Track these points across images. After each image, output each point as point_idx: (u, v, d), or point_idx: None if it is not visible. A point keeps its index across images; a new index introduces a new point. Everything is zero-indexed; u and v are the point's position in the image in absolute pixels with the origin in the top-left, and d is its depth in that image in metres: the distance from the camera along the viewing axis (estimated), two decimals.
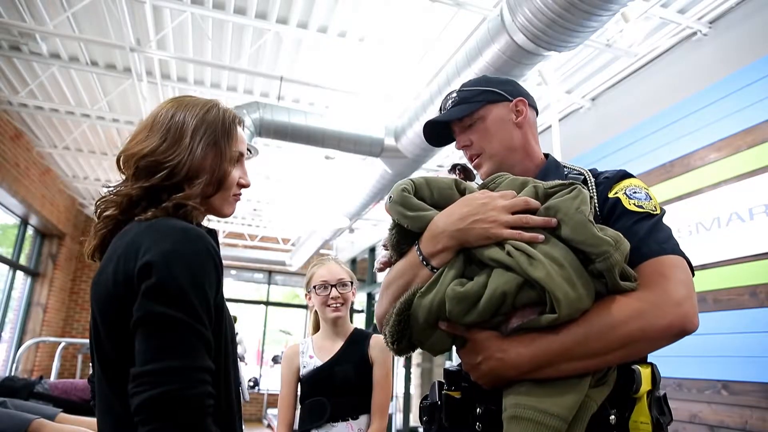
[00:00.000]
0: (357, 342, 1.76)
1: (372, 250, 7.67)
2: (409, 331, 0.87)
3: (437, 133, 1.17)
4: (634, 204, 0.91)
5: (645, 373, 0.84)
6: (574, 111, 4.39)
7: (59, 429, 2.35)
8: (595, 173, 1.03)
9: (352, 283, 1.80)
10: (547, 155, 1.13)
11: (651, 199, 0.94)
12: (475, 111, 1.09)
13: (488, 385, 0.85)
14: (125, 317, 0.84)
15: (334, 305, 1.74)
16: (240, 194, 1.10)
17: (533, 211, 0.85)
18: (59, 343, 5.85)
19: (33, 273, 7.26)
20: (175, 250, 0.85)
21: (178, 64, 4.29)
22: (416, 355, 8.23)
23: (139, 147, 0.98)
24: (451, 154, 5.59)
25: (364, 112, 4.77)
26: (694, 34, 3.33)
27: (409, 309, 0.86)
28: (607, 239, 0.78)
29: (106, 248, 0.96)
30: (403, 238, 0.93)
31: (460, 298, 0.80)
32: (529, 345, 0.80)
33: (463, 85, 1.15)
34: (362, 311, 8.07)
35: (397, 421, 5.33)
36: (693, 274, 0.87)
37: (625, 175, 0.99)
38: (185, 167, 0.96)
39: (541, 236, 0.81)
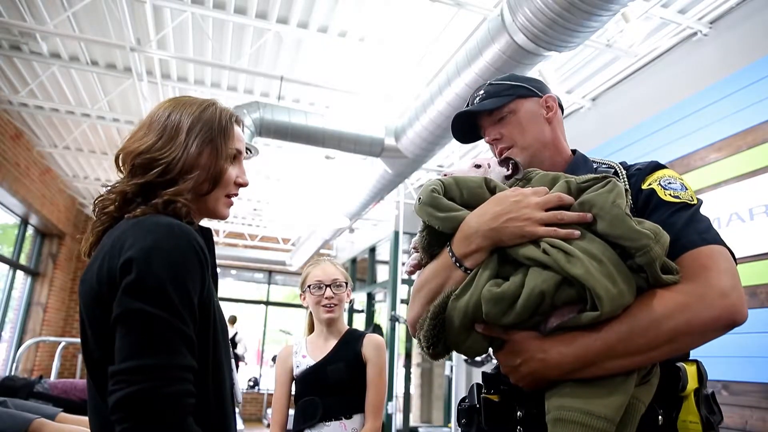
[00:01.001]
0: (350, 341, 1.75)
1: (372, 250, 7.67)
2: (444, 335, 0.85)
3: (464, 129, 1.15)
4: (670, 194, 0.89)
5: (691, 370, 0.82)
6: (575, 111, 4.39)
7: (60, 429, 2.36)
8: (626, 165, 1.00)
9: (346, 284, 1.80)
10: (574, 151, 1.12)
11: (687, 189, 0.91)
12: (506, 104, 1.08)
13: (529, 387, 0.83)
14: (108, 315, 0.82)
15: (328, 305, 1.74)
16: (236, 194, 1.09)
17: (567, 207, 0.83)
18: (59, 342, 5.85)
19: (33, 273, 7.26)
20: (156, 246, 0.83)
21: (179, 64, 4.29)
22: (416, 355, 8.23)
23: (135, 144, 0.98)
24: (451, 154, 5.60)
25: (365, 112, 4.77)
26: (695, 34, 3.33)
27: (443, 312, 0.84)
28: (647, 232, 0.75)
29: None
30: (434, 239, 0.91)
31: (497, 299, 0.78)
32: (571, 344, 0.77)
33: (491, 81, 1.14)
34: (362, 311, 8.07)
35: (397, 421, 5.33)
36: (736, 264, 0.84)
37: (657, 165, 0.96)
38: (179, 164, 0.96)
39: (577, 232, 0.79)
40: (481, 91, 1.12)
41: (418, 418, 8.06)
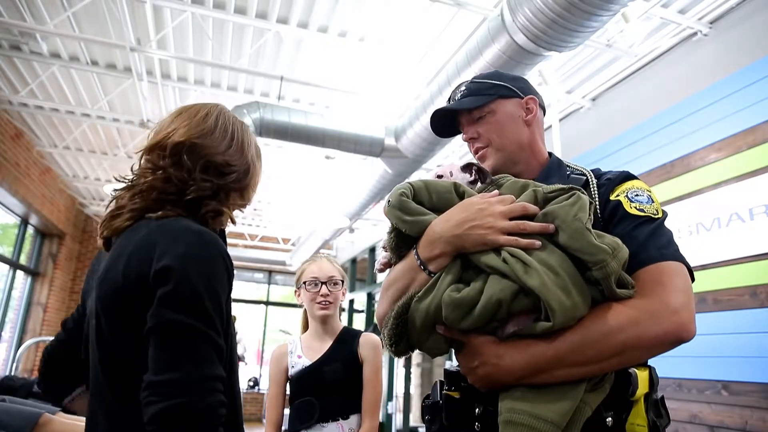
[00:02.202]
0: (346, 341, 1.73)
1: (372, 250, 7.67)
2: (407, 334, 0.88)
3: (444, 123, 1.16)
4: (636, 207, 0.90)
5: (642, 376, 0.84)
6: (575, 111, 4.38)
7: (66, 424, 2.36)
8: (598, 174, 1.01)
9: (342, 282, 1.77)
10: (550, 154, 1.12)
11: (653, 201, 0.93)
12: (486, 104, 1.08)
13: (485, 388, 0.86)
14: (135, 316, 0.83)
15: (323, 303, 1.71)
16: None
17: (531, 217, 0.85)
18: None
19: (33, 272, 7.26)
20: (190, 255, 0.84)
21: (179, 64, 4.29)
22: (416, 355, 8.23)
23: (207, 141, 0.99)
24: (451, 154, 5.60)
25: (365, 112, 4.77)
26: (695, 34, 3.33)
27: (406, 312, 0.87)
28: (604, 248, 0.77)
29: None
30: (402, 241, 0.93)
31: (456, 304, 0.80)
32: (524, 351, 0.80)
33: (475, 77, 1.14)
34: (362, 311, 8.07)
35: (397, 421, 5.33)
36: (693, 279, 0.87)
37: (627, 176, 0.98)
38: (249, 176, 1.04)
39: (538, 242, 0.81)
40: (463, 87, 1.12)
41: (418, 418, 8.06)
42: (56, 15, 3.65)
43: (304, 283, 1.73)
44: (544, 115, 1.15)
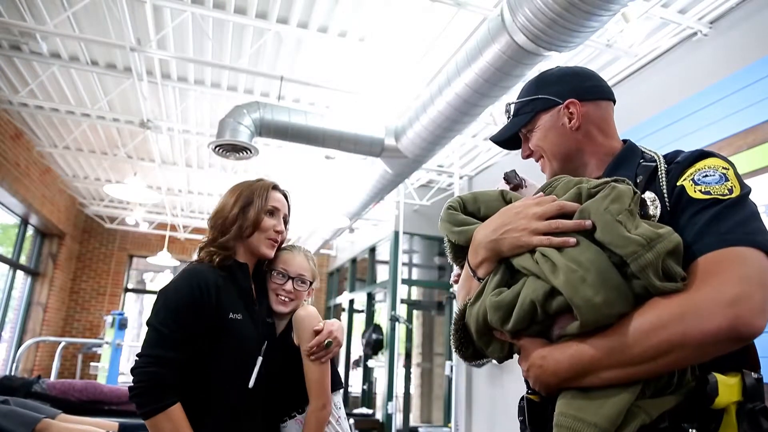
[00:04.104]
0: (288, 331, 1.55)
1: (372, 250, 7.67)
2: (470, 339, 0.90)
3: (506, 143, 1.16)
4: (700, 190, 0.82)
5: (729, 381, 0.75)
6: None
7: (65, 428, 2.36)
8: (671, 158, 0.93)
9: (311, 283, 1.60)
10: (626, 141, 1.06)
11: (726, 180, 0.83)
12: (526, 124, 1.08)
13: (541, 391, 0.84)
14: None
15: (284, 298, 1.54)
16: (276, 239, 1.51)
17: (570, 215, 0.83)
18: (59, 342, 5.86)
19: (33, 272, 7.26)
20: (168, 286, 1.37)
21: (179, 64, 4.29)
22: (416, 355, 8.23)
23: (213, 212, 1.53)
24: (451, 154, 5.60)
25: (365, 112, 4.77)
26: (695, 34, 3.33)
27: (463, 318, 0.90)
28: (636, 238, 0.73)
29: None
30: (458, 252, 0.98)
31: (495, 307, 0.82)
32: (565, 352, 0.78)
33: (516, 99, 1.12)
34: (362, 311, 8.07)
35: (397, 421, 5.33)
36: None
37: (700, 156, 0.89)
38: (226, 220, 1.47)
39: (573, 240, 0.78)
40: (507, 110, 1.13)
41: (418, 418, 8.06)
42: (56, 15, 3.65)
43: (273, 271, 1.56)
44: (605, 98, 1.07)
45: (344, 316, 8.48)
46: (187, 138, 5.54)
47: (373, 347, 7.25)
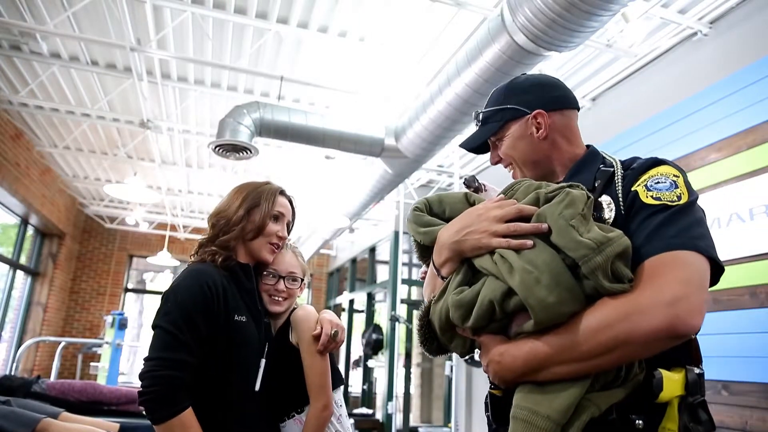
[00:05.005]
0: (285, 330, 1.55)
1: (372, 250, 7.67)
2: (434, 335, 0.95)
3: (475, 147, 1.20)
4: (652, 196, 0.87)
5: (673, 377, 0.81)
6: None
7: (65, 428, 2.36)
8: (628, 164, 0.98)
9: (302, 279, 1.60)
10: (589, 146, 1.11)
11: (676, 187, 0.87)
12: (495, 133, 1.12)
13: (500, 385, 0.89)
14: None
15: (278, 298, 1.54)
16: (279, 244, 1.51)
17: (528, 218, 0.87)
18: (59, 342, 5.85)
19: (33, 272, 7.26)
20: (177, 285, 1.33)
21: (179, 64, 4.29)
22: (416, 355, 8.22)
23: (214, 210, 1.51)
24: (451, 154, 5.60)
25: (365, 112, 4.77)
26: (695, 34, 3.33)
27: (428, 315, 0.95)
28: (586, 242, 0.78)
29: None
30: (424, 251, 1.02)
31: (457, 305, 0.86)
32: (521, 349, 0.82)
33: (487, 102, 1.16)
34: (362, 311, 8.07)
35: (397, 421, 5.33)
36: (722, 268, 0.83)
37: (654, 163, 0.93)
38: (230, 220, 1.45)
39: (530, 243, 0.83)
40: (476, 117, 1.17)
41: (418, 418, 8.06)
42: (56, 15, 3.65)
43: (262, 273, 1.55)
44: (569, 107, 1.12)
45: (344, 316, 8.47)
46: (187, 138, 5.54)
47: (373, 347, 7.25)
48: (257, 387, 1.38)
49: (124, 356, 6.18)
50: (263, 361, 1.42)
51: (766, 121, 2.74)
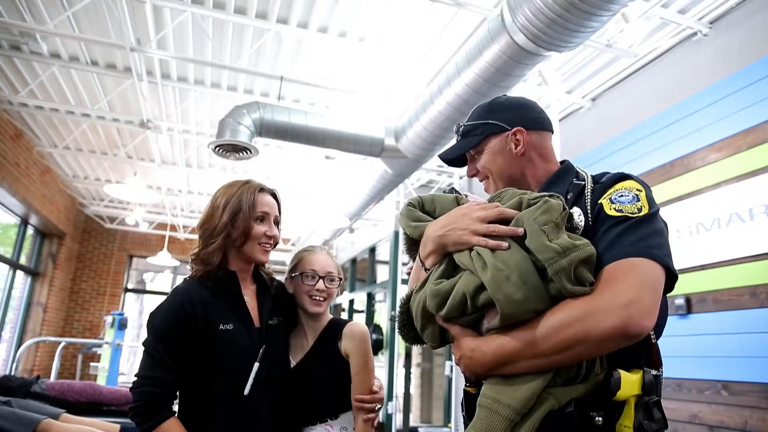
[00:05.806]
0: (330, 335, 1.59)
1: (372, 250, 7.67)
2: (411, 323, 1.01)
3: (454, 159, 1.27)
4: (615, 208, 0.94)
5: (631, 378, 0.87)
6: (575, 111, 4.38)
7: (66, 429, 2.36)
8: (597, 178, 1.05)
9: (340, 279, 1.64)
10: (563, 162, 1.17)
11: (638, 200, 0.95)
12: (475, 146, 1.18)
13: (471, 377, 0.96)
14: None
15: (318, 298, 1.57)
16: (269, 243, 1.52)
17: (508, 221, 0.93)
18: (59, 342, 5.86)
19: (33, 273, 7.26)
20: (159, 306, 1.42)
21: (179, 64, 4.29)
22: (416, 355, 8.22)
23: (199, 223, 1.53)
24: None
25: (365, 112, 4.77)
26: (695, 34, 3.33)
27: (409, 303, 1.02)
28: (554, 246, 0.84)
29: None
30: (413, 245, 1.09)
31: (434, 294, 0.93)
32: (491, 344, 0.89)
33: (469, 117, 1.22)
34: (362, 311, 8.06)
35: (397, 421, 5.33)
36: (674, 275, 0.89)
37: (619, 178, 1.00)
38: (215, 229, 1.46)
39: (505, 244, 0.89)
40: (457, 130, 1.23)
41: (418, 418, 8.06)
42: (56, 15, 3.65)
43: (301, 274, 1.58)
44: (546, 129, 1.18)
45: (344, 316, 8.48)
46: (187, 138, 5.54)
47: (373, 347, 7.24)
48: (246, 392, 1.37)
49: (124, 356, 6.18)
50: (256, 364, 1.41)
51: (766, 121, 2.74)
